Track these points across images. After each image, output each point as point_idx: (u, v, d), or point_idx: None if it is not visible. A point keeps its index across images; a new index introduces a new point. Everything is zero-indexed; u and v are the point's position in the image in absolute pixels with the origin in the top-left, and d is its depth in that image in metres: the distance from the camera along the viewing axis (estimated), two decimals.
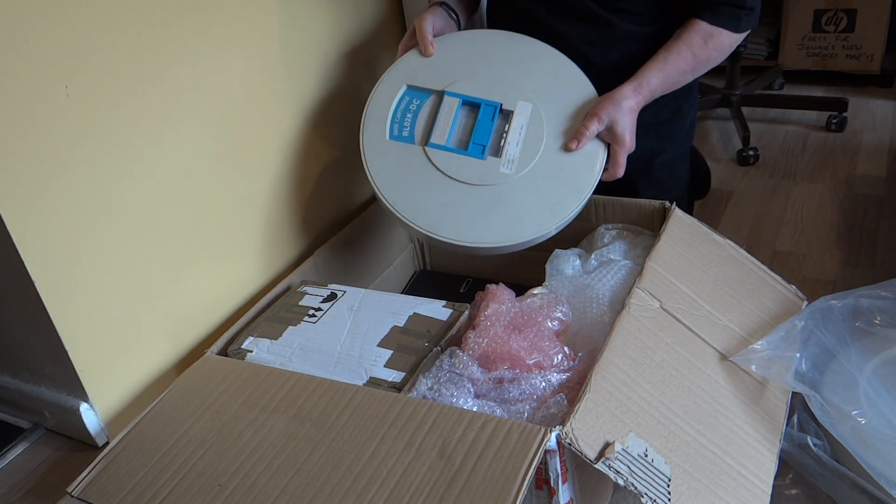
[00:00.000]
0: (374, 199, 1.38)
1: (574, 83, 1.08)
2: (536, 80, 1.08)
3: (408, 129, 1.06)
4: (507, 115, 1.05)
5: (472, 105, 1.07)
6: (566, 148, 1.03)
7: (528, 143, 1.03)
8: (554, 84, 1.08)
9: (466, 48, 1.12)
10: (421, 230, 1.01)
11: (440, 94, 1.07)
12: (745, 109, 2.10)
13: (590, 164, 1.03)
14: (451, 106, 1.06)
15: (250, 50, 1.10)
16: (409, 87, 1.09)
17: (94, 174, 0.90)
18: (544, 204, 1.00)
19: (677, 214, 1.05)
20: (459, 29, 1.18)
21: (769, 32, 2.38)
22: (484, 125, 1.05)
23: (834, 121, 2.05)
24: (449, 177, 1.02)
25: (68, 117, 0.86)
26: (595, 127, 1.02)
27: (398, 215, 1.02)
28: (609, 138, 1.04)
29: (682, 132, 1.26)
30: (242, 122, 1.10)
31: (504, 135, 1.04)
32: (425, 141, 1.05)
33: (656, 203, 1.09)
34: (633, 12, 1.11)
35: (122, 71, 0.91)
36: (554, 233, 1.01)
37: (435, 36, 1.12)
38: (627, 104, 1.03)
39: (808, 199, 1.71)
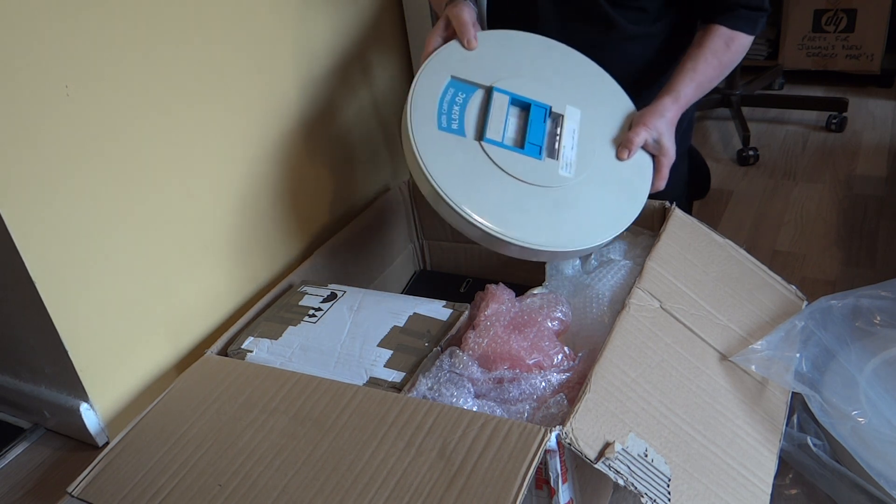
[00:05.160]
0: (374, 199, 1.39)
1: (614, 96, 1.08)
2: (578, 88, 1.07)
3: (457, 122, 1.00)
4: (556, 119, 1.03)
5: (522, 105, 1.03)
6: (618, 157, 1.03)
7: (581, 149, 1.02)
8: (595, 94, 1.07)
9: (506, 48, 1.08)
10: (488, 229, 0.92)
11: (488, 90, 1.02)
12: (745, 109, 2.10)
13: (641, 174, 1.03)
14: (501, 102, 1.02)
15: (250, 50, 1.10)
16: (454, 79, 1.03)
17: (94, 174, 0.90)
18: (607, 210, 0.99)
19: (677, 214, 1.05)
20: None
21: (769, 32, 2.38)
22: (537, 125, 1.01)
23: (834, 121, 2.05)
24: (510, 175, 0.97)
25: (69, 118, 0.86)
26: (644, 136, 1.02)
27: (458, 210, 0.92)
28: (655, 150, 1.04)
29: (680, 132, 1.26)
30: (242, 121, 1.10)
31: (557, 137, 1.01)
32: (479, 136, 0.99)
33: (656, 203, 1.09)
34: (642, 10, 1.11)
35: (122, 71, 0.91)
36: (612, 240, 1.00)
37: None
38: (670, 116, 1.04)
39: (808, 199, 1.71)
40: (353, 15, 1.30)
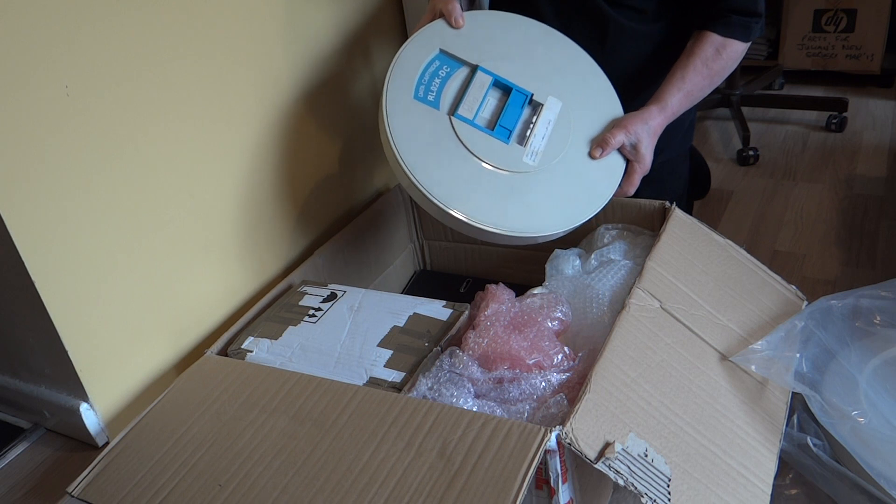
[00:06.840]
0: (374, 199, 1.39)
1: (603, 95, 1.08)
2: (568, 81, 1.06)
3: (434, 94, 1.02)
4: (535, 107, 1.03)
5: (504, 88, 1.04)
6: (590, 155, 1.02)
7: (553, 140, 1.02)
8: (584, 90, 1.07)
9: (504, 29, 1.08)
10: (433, 199, 0.95)
11: (473, 68, 1.04)
12: (745, 109, 2.10)
13: (609, 175, 1.03)
14: (482, 82, 1.03)
15: (250, 49, 1.10)
16: (442, 52, 1.05)
17: (94, 174, 0.90)
18: (560, 204, 0.99)
19: (677, 214, 1.05)
20: None
21: (769, 32, 2.37)
22: (513, 110, 1.02)
23: (834, 121, 2.05)
24: (471, 153, 0.99)
25: (68, 117, 0.86)
26: (622, 138, 1.02)
27: (413, 180, 0.95)
28: (631, 155, 1.03)
29: (681, 132, 1.26)
30: (242, 121, 1.10)
31: (531, 125, 1.02)
32: (452, 111, 1.01)
33: (656, 203, 1.09)
34: (639, 10, 1.11)
35: (122, 71, 0.91)
36: (560, 235, 1.00)
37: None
38: (654, 124, 1.04)
39: (808, 199, 1.71)
40: (354, 14, 1.30)
